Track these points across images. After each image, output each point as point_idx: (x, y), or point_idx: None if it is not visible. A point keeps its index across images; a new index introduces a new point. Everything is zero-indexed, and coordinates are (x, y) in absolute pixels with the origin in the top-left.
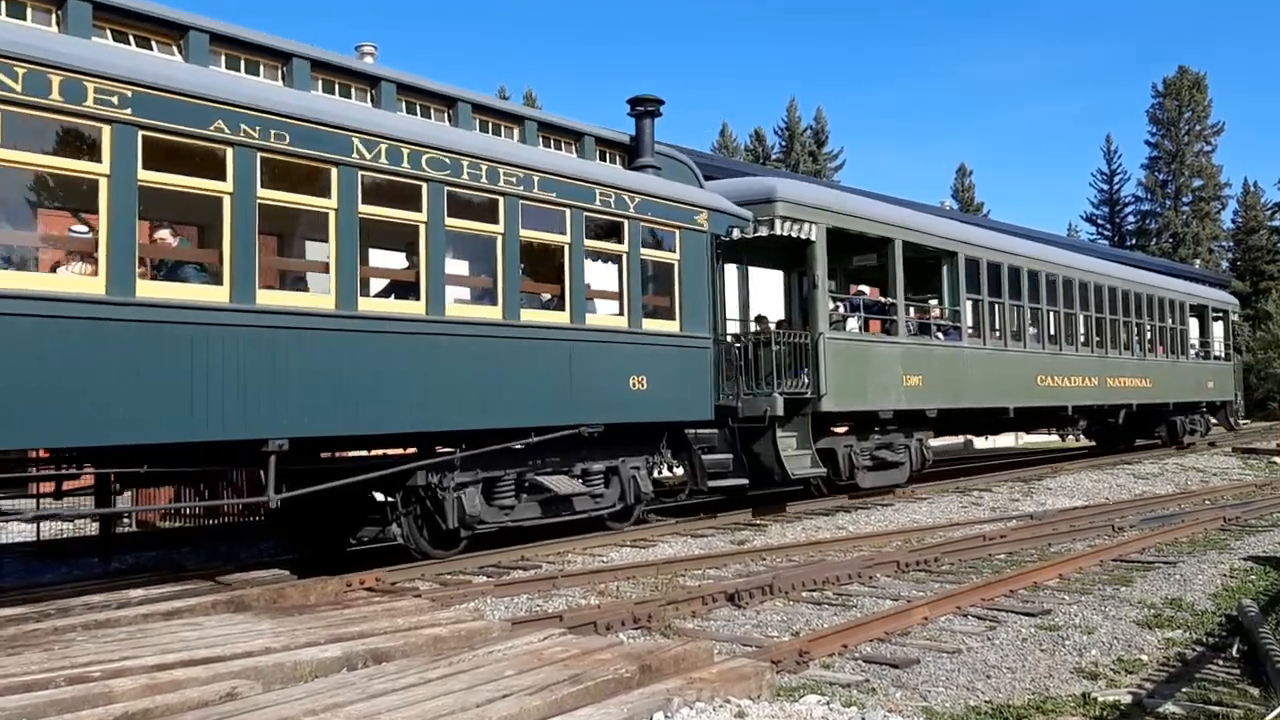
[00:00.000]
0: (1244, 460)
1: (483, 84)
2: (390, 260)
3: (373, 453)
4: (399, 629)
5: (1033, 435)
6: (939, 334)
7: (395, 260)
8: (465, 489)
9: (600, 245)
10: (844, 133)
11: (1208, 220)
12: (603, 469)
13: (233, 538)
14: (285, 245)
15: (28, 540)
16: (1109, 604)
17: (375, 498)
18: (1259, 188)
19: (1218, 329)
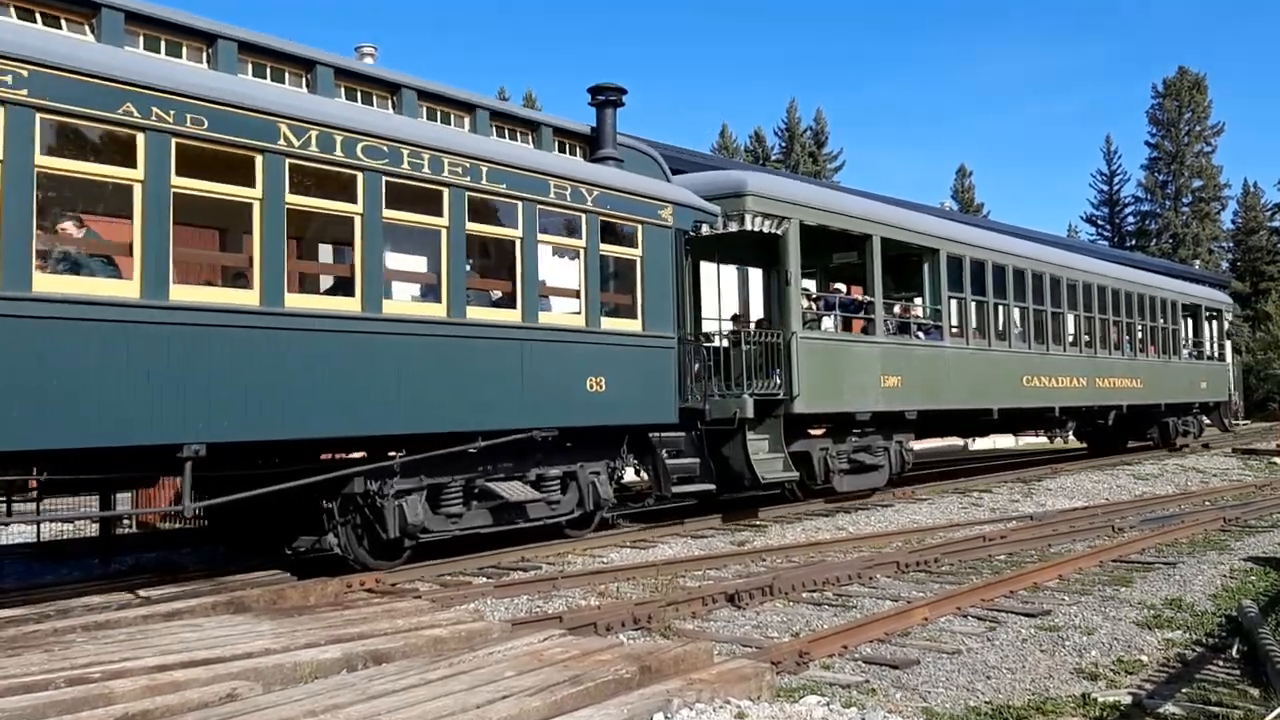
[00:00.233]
0: (1244, 461)
1: (483, 85)
2: (323, 254)
3: (338, 457)
4: (399, 630)
5: (1022, 437)
6: (920, 333)
7: (328, 254)
8: (407, 496)
9: (555, 240)
10: (844, 133)
11: (1208, 221)
12: (560, 474)
13: (183, 544)
14: (206, 238)
15: (28, 541)
16: (1109, 605)
17: (324, 505)
18: (1259, 188)
19: (1211, 329)
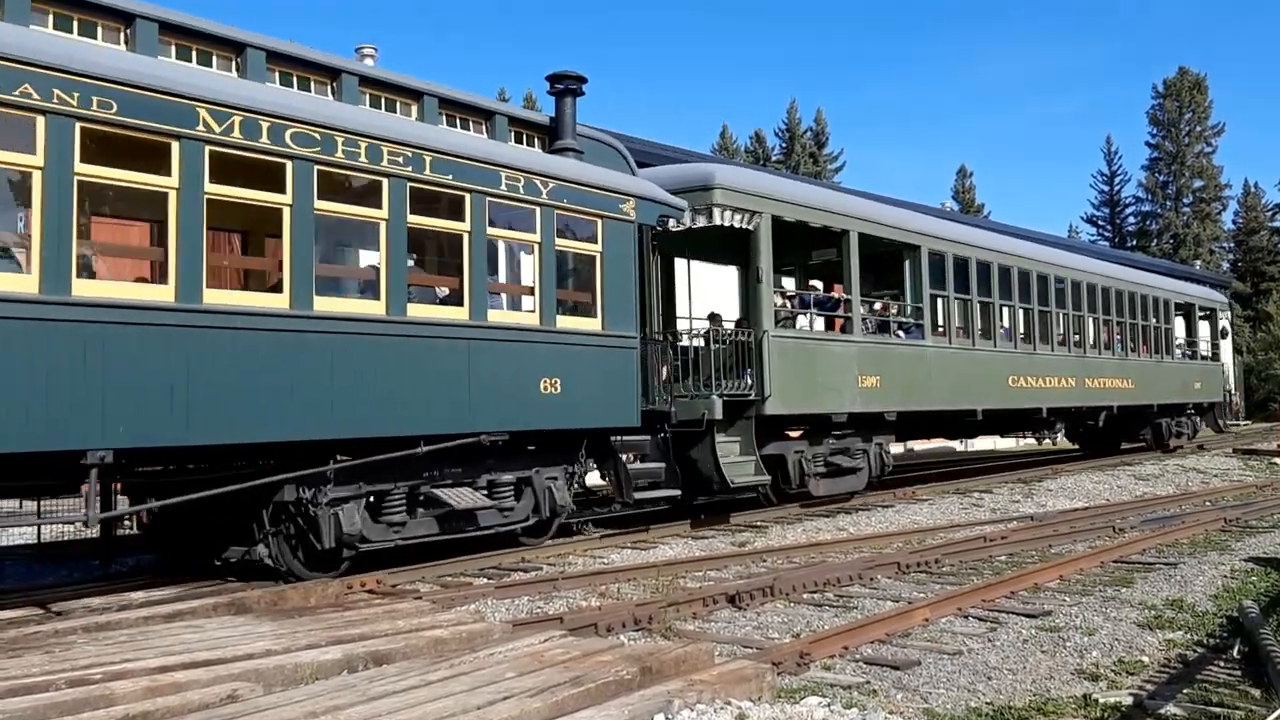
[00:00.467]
0: (1245, 461)
1: (483, 85)
2: (249, 248)
3: (271, 463)
4: (400, 631)
5: (1014, 438)
6: (900, 332)
7: (254, 248)
8: (343, 505)
9: (507, 234)
10: (844, 134)
11: (1208, 221)
12: (513, 480)
13: (127, 551)
14: (118, 230)
15: (29, 543)
16: (1110, 605)
17: (259, 513)
18: (1259, 189)
19: (1205, 328)
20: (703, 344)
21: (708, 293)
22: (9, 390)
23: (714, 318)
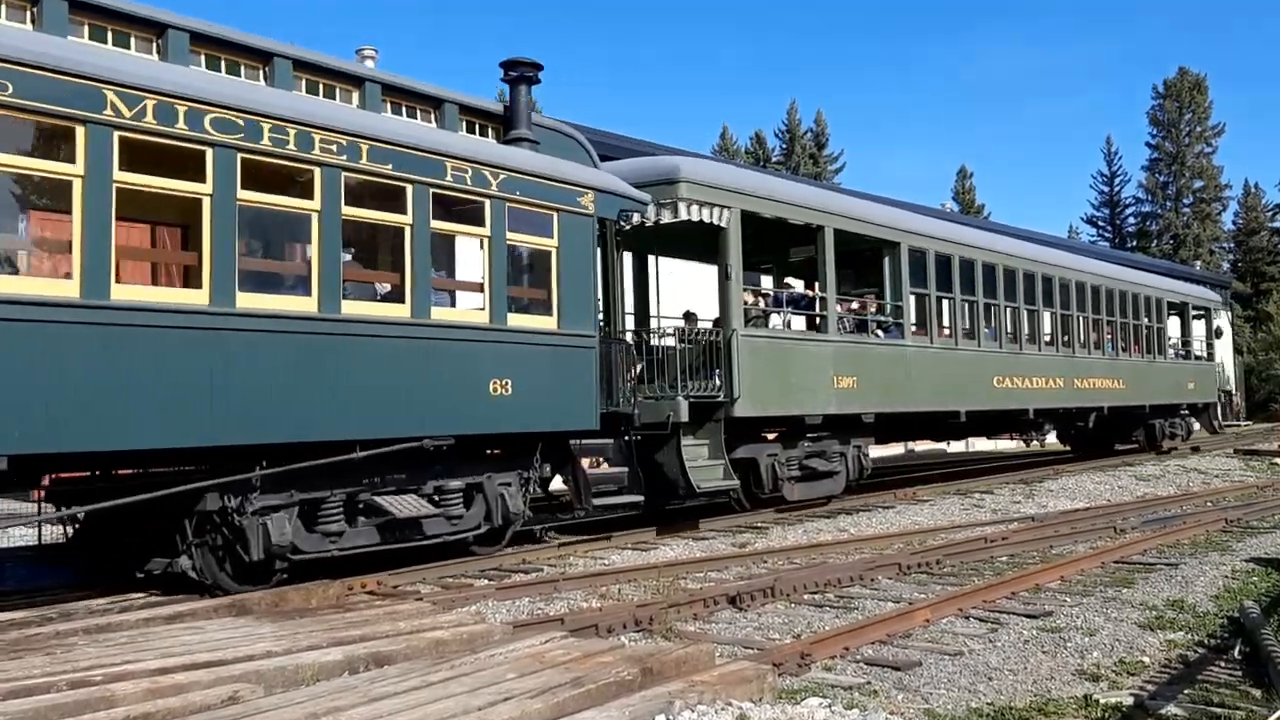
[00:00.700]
0: (1245, 461)
1: (483, 86)
2: (165, 240)
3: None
4: (400, 632)
5: (999, 440)
6: (878, 331)
7: (172, 240)
8: (272, 514)
9: (453, 228)
10: (845, 135)
11: (1208, 222)
12: (462, 486)
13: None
14: (18, 221)
15: (29, 544)
16: (1111, 606)
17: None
18: (1260, 189)
19: (1199, 328)
20: (669, 344)
21: (686, 291)
22: None
23: (689, 316)
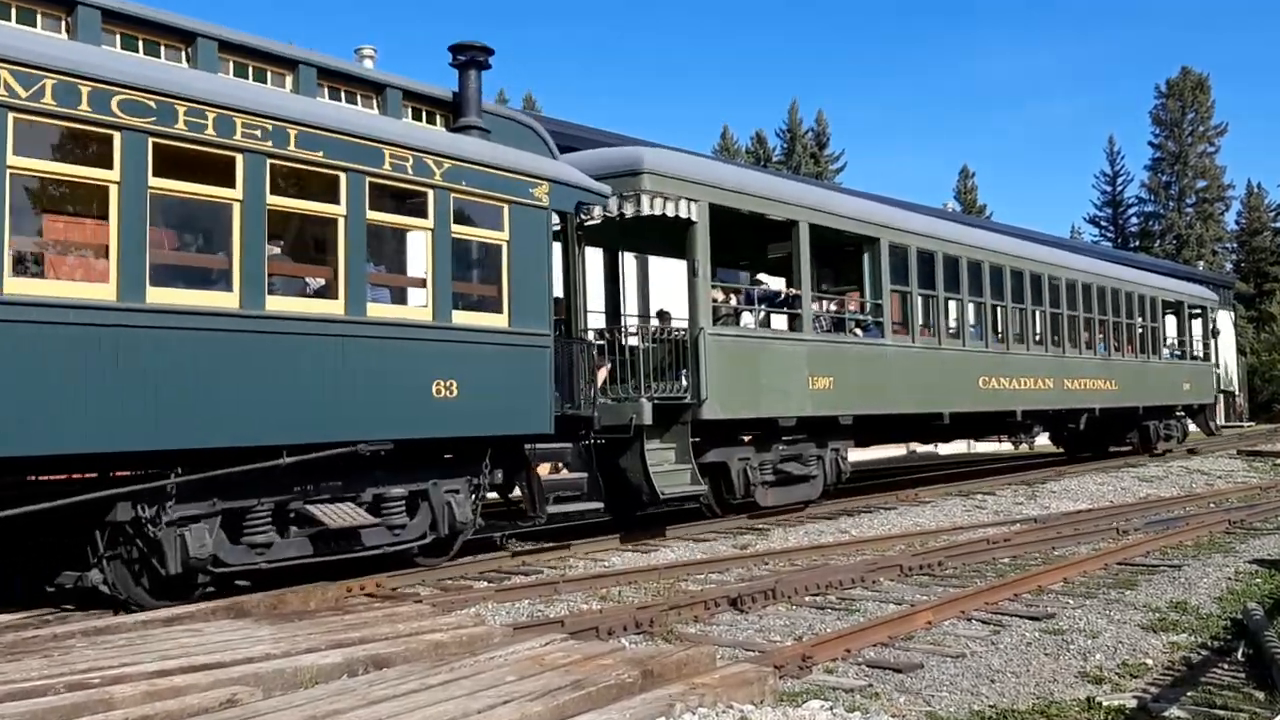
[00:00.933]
0: (1249, 463)
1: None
2: (68, 232)
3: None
4: (400, 635)
5: (985, 443)
6: (857, 330)
7: (75, 232)
8: (191, 524)
9: (393, 220)
10: (846, 135)
11: (1211, 222)
12: (405, 494)
13: None
14: None
15: None
16: (1113, 607)
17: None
18: (1263, 189)
19: (1196, 327)
20: (626, 343)
21: (663, 289)
22: None
23: (663, 315)
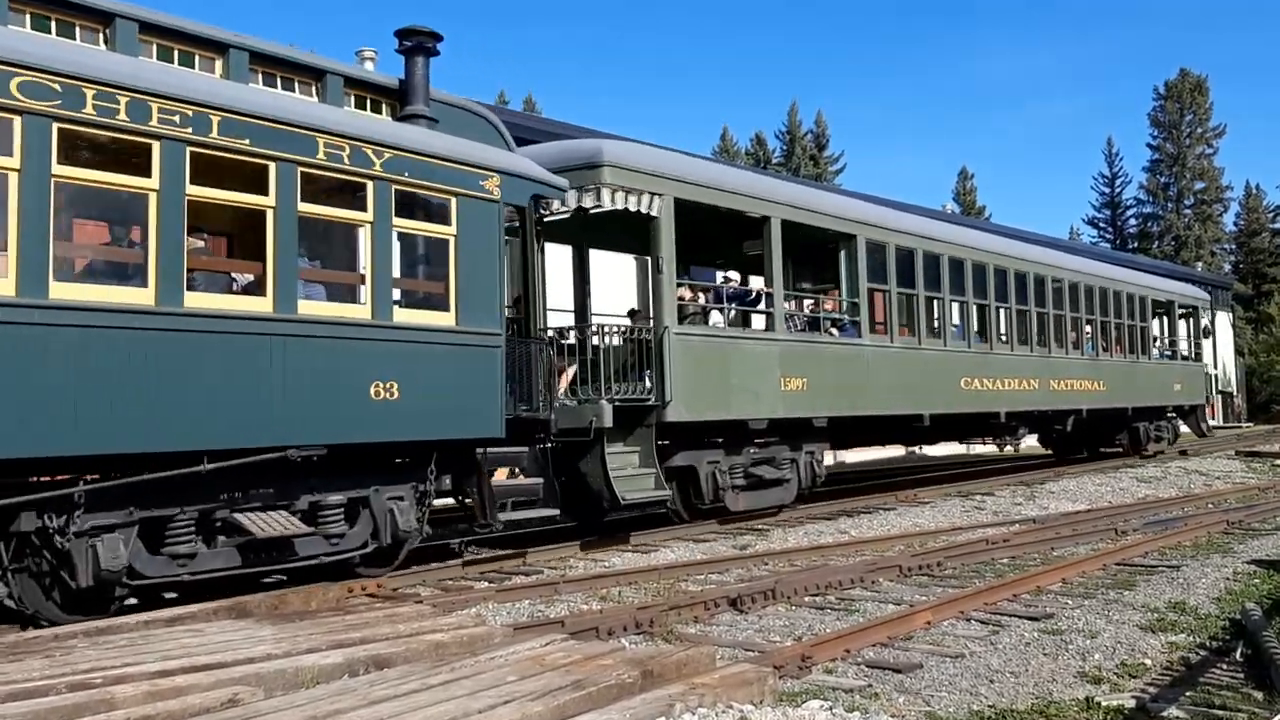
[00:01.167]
0: (1247, 463)
1: (483, 87)
2: None
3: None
4: (401, 635)
5: (970, 445)
6: (833, 330)
7: None
8: (105, 534)
9: (328, 212)
10: (845, 136)
11: (1210, 223)
12: (343, 501)
13: None
14: None
15: None
16: (1112, 608)
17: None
18: (1261, 190)
19: (1186, 327)
20: (598, 342)
21: (638, 288)
22: None
23: (634, 314)
